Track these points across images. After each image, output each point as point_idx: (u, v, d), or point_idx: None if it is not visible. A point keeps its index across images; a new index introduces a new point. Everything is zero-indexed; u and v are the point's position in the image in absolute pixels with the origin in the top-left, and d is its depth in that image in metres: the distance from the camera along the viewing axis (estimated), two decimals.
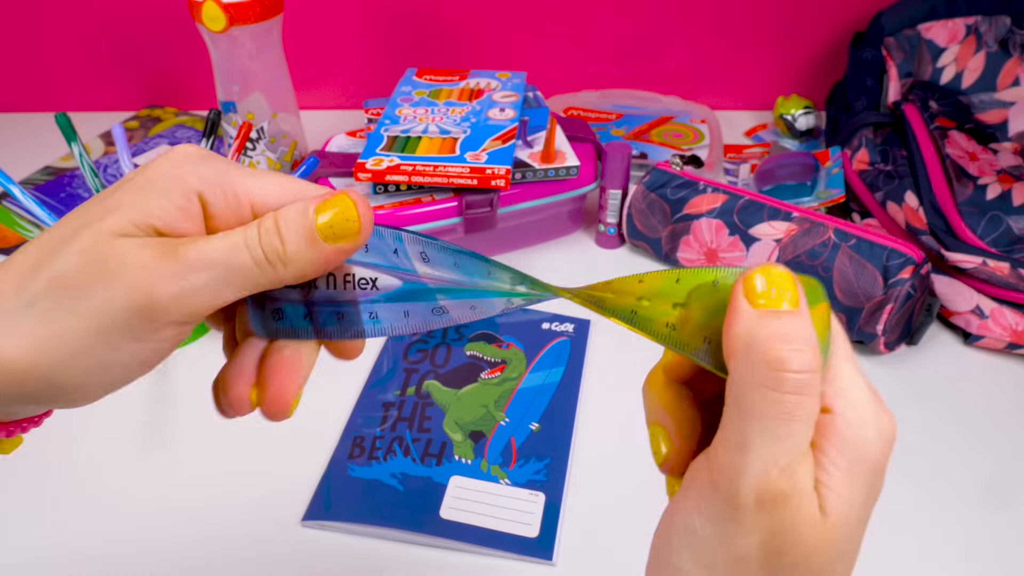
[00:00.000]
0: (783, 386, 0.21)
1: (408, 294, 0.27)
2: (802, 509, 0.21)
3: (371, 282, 0.27)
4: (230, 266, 0.24)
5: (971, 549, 0.47)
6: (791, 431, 0.21)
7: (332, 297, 0.27)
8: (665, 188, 0.67)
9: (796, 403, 0.21)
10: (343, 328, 0.27)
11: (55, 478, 0.51)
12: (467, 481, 0.50)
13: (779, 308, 0.21)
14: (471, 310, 0.27)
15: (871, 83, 0.77)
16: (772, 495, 0.21)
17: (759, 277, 0.22)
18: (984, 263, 0.58)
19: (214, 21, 0.66)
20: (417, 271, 0.26)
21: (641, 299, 0.25)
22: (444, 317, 0.27)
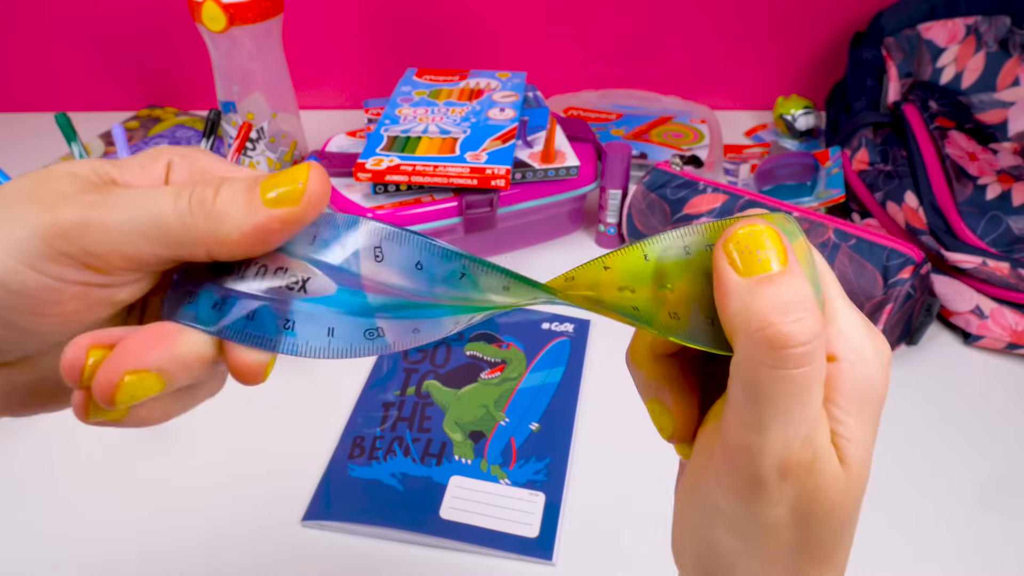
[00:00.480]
0: (790, 362, 0.19)
1: (340, 303, 0.22)
2: (825, 469, 0.21)
3: (301, 282, 0.22)
4: (145, 210, 0.21)
5: (970, 549, 0.47)
6: (804, 402, 0.20)
7: (253, 290, 0.22)
8: (665, 188, 0.67)
9: (806, 375, 0.20)
10: (249, 332, 0.21)
11: (55, 478, 0.51)
12: (467, 481, 0.50)
13: (769, 271, 0.20)
14: (413, 333, 0.22)
15: (871, 83, 0.77)
16: (795, 466, 0.21)
17: (737, 241, 0.20)
18: (984, 263, 0.58)
19: (214, 21, 0.66)
20: (360, 274, 0.22)
21: (623, 289, 0.22)
22: (377, 342, 0.22)
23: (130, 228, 0.21)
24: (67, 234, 0.20)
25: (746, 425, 0.21)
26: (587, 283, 0.23)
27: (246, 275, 0.22)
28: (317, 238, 0.22)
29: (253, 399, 0.56)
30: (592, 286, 0.23)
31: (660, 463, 0.53)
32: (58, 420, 0.55)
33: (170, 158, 0.24)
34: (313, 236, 0.22)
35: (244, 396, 0.56)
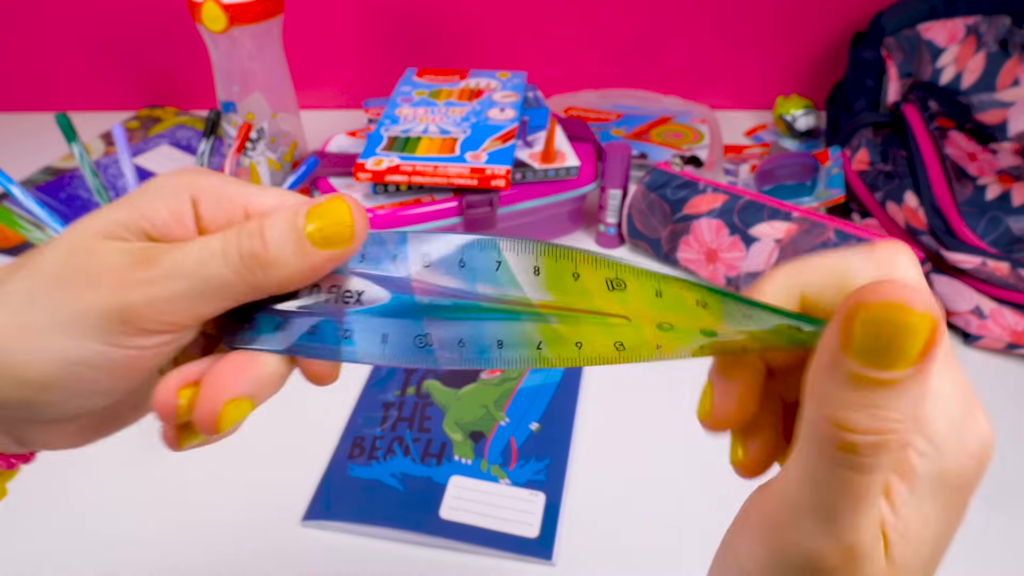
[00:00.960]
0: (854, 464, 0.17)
1: (392, 310, 0.23)
2: (865, 571, 0.19)
3: (356, 296, 0.23)
4: (204, 276, 0.22)
5: (971, 549, 0.47)
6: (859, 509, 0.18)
7: (310, 308, 0.24)
8: (665, 188, 0.67)
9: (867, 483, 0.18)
10: (313, 346, 0.24)
11: (54, 477, 0.51)
12: (467, 481, 0.50)
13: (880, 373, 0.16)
14: (459, 345, 0.23)
15: (871, 83, 0.77)
16: (830, 568, 0.19)
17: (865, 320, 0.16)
18: (984, 263, 0.59)
19: (214, 21, 0.66)
20: (411, 276, 0.23)
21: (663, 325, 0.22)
22: (425, 353, 0.23)
23: (192, 295, 0.22)
24: (137, 313, 0.22)
25: (792, 498, 0.19)
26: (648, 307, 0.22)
27: (300, 294, 0.24)
28: (366, 256, 0.24)
29: None
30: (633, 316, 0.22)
31: (660, 463, 0.53)
32: None
33: (191, 195, 0.24)
34: (362, 255, 0.24)
35: None
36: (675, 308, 0.22)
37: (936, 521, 0.19)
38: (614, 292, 0.22)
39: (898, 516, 0.19)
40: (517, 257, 0.23)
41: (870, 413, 0.17)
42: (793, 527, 0.19)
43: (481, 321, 0.23)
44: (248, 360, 0.23)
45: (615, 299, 0.22)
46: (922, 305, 0.16)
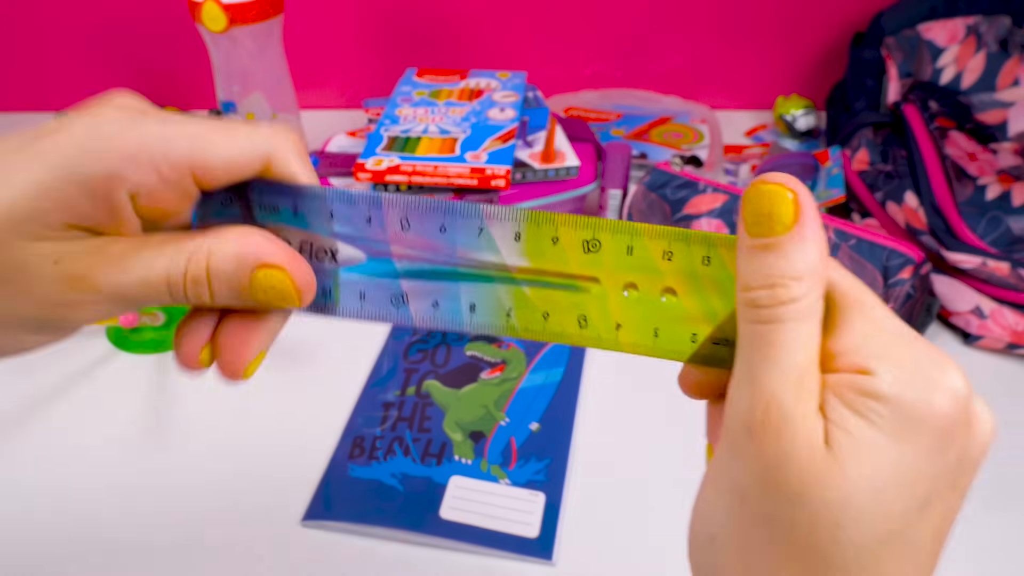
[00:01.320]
0: (775, 317, 0.20)
1: (370, 270, 0.24)
2: (796, 438, 0.20)
3: (330, 253, 0.24)
4: (144, 301, 0.22)
5: (971, 549, 0.47)
6: (770, 362, 0.20)
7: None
8: (665, 188, 0.67)
9: (771, 331, 0.20)
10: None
11: (54, 476, 0.51)
12: (467, 481, 0.50)
13: (768, 237, 0.20)
14: (433, 307, 0.24)
15: (871, 83, 0.77)
16: (759, 425, 0.20)
17: (750, 204, 0.21)
18: (984, 263, 0.58)
19: (214, 21, 0.66)
20: (389, 242, 0.24)
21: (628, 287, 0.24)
22: (402, 311, 0.24)
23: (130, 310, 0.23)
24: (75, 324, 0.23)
25: (733, 375, 0.21)
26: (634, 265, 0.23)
27: None
28: (335, 215, 0.24)
29: (253, 399, 0.56)
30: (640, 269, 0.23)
31: (660, 463, 0.53)
32: (57, 420, 0.55)
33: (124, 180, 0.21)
34: (330, 212, 0.24)
35: (244, 396, 0.56)
36: (642, 267, 0.23)
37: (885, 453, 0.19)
38: (588, 255, 0.23)
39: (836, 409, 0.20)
40: (500, 223, 0.23)
41: (763, 273, 0.20)
42: (732, 395, 0.21)
43: (456, 283, 0.24)
44: (252, 325, 0.24)
45: (588, 261, 0.23)
46: (789, 185, 0.20)
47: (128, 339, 0.61)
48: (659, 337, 0.24)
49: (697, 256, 0.23)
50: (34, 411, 0.55)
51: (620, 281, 0.23)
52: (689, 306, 0.23)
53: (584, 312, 0.24)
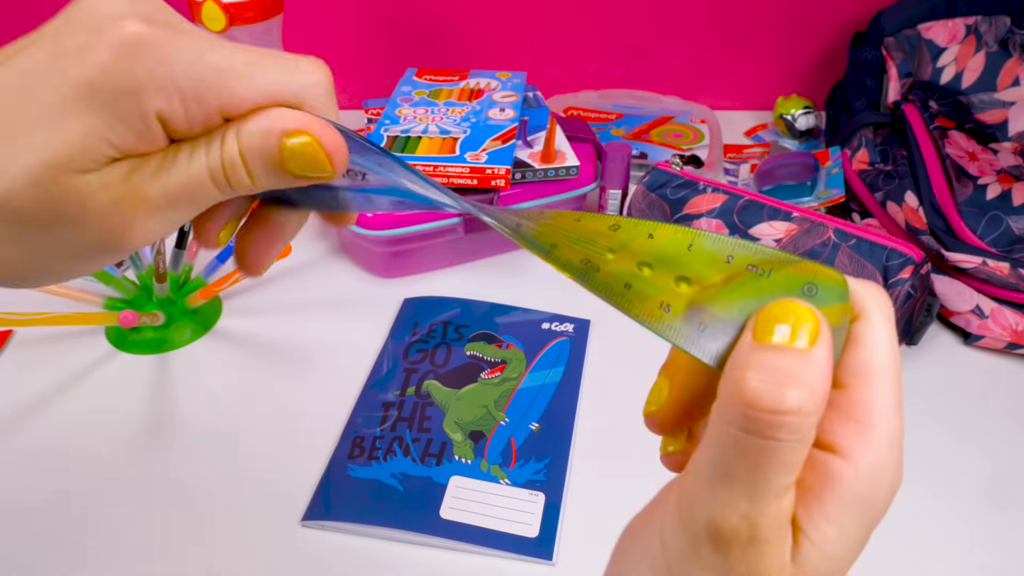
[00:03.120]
0: (748, 424, 0.18)
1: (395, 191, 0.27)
2: (767, 558, 0.19)
3: (361, 174, 0.26)
4: (197, 201, 0.23)
5: (971, 549, 0.47)
6: (753, 477, 0.18)
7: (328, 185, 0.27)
8: (665, 188, 0.67)
9: (761, 448, 0.18)
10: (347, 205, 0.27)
11: (54, 476, 0.51)
12: (467, 481, 0.50)
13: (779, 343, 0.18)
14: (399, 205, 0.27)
15: (871, 83, 0.77)
16: (727, 539, 0.19)
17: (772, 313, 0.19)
18: (984, 263, 0.58)
19: (214, 21, 0.66)
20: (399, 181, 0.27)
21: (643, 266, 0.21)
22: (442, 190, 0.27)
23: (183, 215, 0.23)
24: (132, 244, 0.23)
25: (700, 471, 0.19)
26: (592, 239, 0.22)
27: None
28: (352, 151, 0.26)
29: (253, 399, 0.56)
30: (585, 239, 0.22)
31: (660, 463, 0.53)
32: (57, 420, 0.55)
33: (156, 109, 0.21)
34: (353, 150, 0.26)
35: (244, 396, 0.56)
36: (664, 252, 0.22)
37: (848, 541, 0.19)
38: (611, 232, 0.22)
39: (814, 524, 0.19)
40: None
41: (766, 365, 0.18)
42: (698, 493, 0.19)
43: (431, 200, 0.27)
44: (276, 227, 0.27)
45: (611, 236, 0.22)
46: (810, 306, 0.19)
47: (128, 339, 0.60)
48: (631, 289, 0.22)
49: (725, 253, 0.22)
50: (34, 410, 0.55)
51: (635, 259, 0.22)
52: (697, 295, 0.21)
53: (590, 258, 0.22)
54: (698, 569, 0.20)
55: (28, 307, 0.63)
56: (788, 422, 0.18)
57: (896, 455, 0.20)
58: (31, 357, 0.60)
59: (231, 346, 0.61)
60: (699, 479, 0.19)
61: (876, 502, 0.19)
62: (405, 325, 0.63)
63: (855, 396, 0.20)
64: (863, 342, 0.20)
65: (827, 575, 0.19)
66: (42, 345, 0.61)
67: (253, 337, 0.62)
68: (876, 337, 0.20)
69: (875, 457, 0.19)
